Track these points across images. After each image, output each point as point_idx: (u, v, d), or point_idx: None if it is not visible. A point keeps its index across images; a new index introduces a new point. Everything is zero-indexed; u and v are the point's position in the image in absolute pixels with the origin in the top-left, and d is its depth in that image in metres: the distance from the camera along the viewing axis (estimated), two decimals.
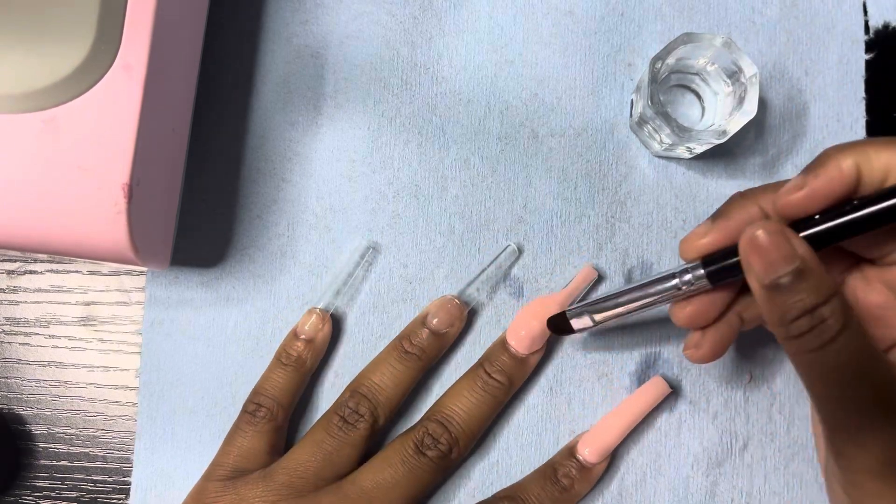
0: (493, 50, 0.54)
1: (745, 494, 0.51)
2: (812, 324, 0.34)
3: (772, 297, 0.36)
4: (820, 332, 0.34)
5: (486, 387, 0.49)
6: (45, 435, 0.54)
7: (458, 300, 0.51)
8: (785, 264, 0.35)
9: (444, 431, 0.48)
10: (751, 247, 0.36)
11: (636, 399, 0.50)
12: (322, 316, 0.51)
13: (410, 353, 0.50)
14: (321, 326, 0.51)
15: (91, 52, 0.43)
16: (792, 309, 0.35)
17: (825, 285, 0.35)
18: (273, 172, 0.54)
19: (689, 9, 0.54)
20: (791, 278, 0.35)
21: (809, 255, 0.35)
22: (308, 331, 0.51)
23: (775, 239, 0.35)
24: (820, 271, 0.35)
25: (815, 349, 0.35)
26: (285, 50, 0.55)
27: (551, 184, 0.53)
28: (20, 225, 0.43)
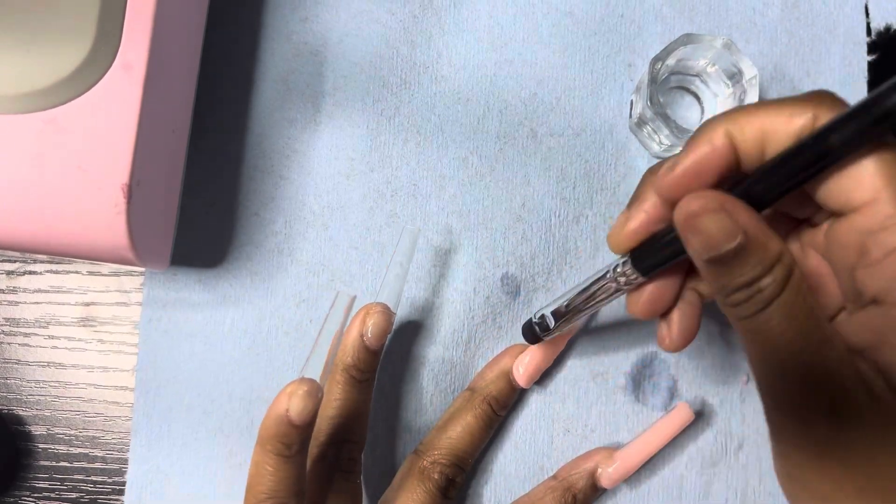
0: (493, 49, 0.54)
1: (739, 494, 0.51)
2: (749, 294, 0.33)
3: (713, 269, 0.34)
4: (756, 300, 0.33)
5: (490, 421, 0.50)
6: (45, 436, 0.54)
7: (384, 308, 0.48)
8: (726, 241, 0.32)
9: (460, 472, 0.49)
10: (686, 224, 0.33)
11: (662, 428, 0.50)
12: (314, 391, 0.42)
13: (363, 380, 0.48)
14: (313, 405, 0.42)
15: (91, 53, 0.43)
16: (733, 281, 0.33)
17: (769, 254, 0.32)
18: (271, 170, 0.54)
19: (689, 10, 0.54)
20: (733, 254, 0.32)
21: (752, 225, 0.32)
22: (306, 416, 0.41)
23: (715, 216, 0.32)
24: (763, 240, 0.32)
25: (749, 316, 0.33)
26: (284, 48, 0.55)
27: (550, 183, 0.53)
28: (20, 225, 0.43)
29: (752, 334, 0.34)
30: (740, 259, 0.32)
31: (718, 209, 0.33)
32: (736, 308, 0.34)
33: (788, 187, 0.33)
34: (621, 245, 0.39)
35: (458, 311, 0.53)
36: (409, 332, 0.53)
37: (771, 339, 0.33)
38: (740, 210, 0.33)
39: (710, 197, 0.33)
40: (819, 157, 0.32)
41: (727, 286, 0.33)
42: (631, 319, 0.52)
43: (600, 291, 0.42)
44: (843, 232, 0.33)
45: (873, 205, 0.31)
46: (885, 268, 0.31)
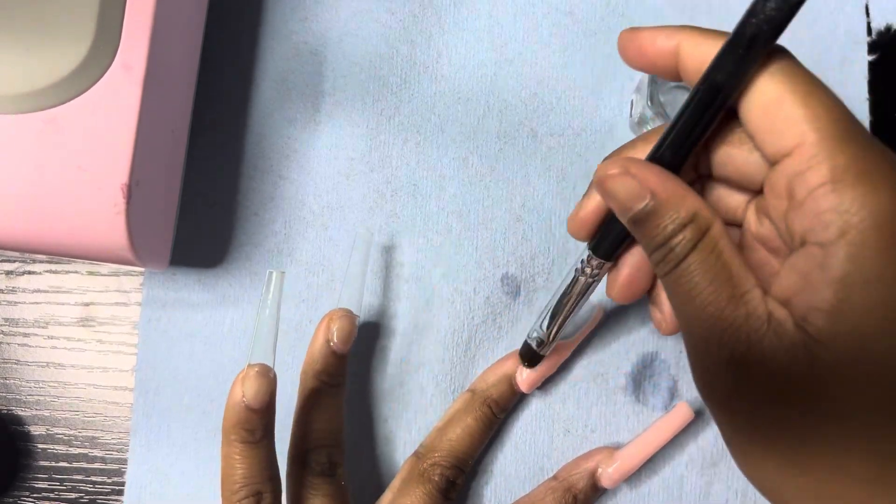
0: (493, 49, 0.54)
1: (739, 495, 0.51)
2: (664, 253, 0.34)
3: (635, 230, 0.35)
4: (669, 259, 0.34)
5: (490, 424, 0.50)
6: (44, 436, 0.54)
7: (348, 313, 0.49)
8: (636, 202, 0.34)
9: (460, 474, 0.49)
10: (601, 190, 0.36)
11: (662, 427, 0.50)
12: (265, 373, 0.43)
13: (334, 384, 0.49)
14: (268, 386, 0.43)
15: (90, 52, 0.43)
16: (652, 240, 0.34)
17: (681, 213, 0.34)
18: (271, 170, 0.54)
19: (690, 9, 0.54)
20: (645, 213, 0.34)
21: (660, 186, 0.34)
22: (261, 399, 0.43)
23: (621, 179, 0.35)
24: (675, 200, 0.34)
25: (665, 274, 0.34)
26: (284, 47, 0.55)
27: (550, 183, 0.53)
28: (19, 225, 0.43)
29: (668, 291, 0.35)
30: (653, 220, 0.34)
31: (624, 173, 0.35)
32: (657, 267, 0.35)
33: (693, 139, 0.35)
34: (578, 232, 0.41)
35: (458, 312, 0.53)
36: (408, 332, 0.53)
37: (683, 296, 0.34)
38: (648, 173, 0.34)
39: (618, 162, 0.35)
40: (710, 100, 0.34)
41: (648, 245, 0.35)
42: (631, 320, 0.52)
43: (575, 288, 0.43)
44: (775, 180, 0.34)
45: (800, 147, 0.32)
46: (807, 207, 0.31)
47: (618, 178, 0.35)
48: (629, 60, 0.38)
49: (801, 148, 0.31)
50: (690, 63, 0.35)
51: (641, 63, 0.38)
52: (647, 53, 0.37)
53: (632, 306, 0.52)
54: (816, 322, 0.31)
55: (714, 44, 0.34)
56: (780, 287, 0.33)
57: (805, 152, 0.31)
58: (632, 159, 0.35)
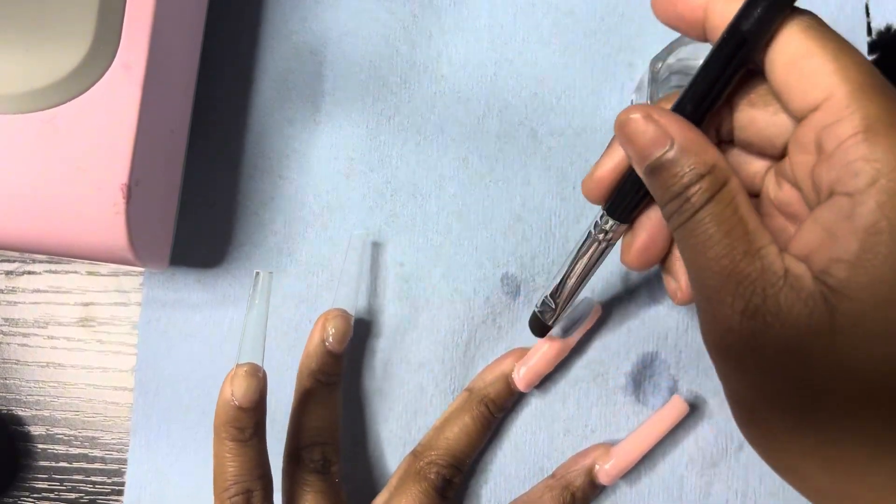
0: (493, 48, 0.54)
1: (739, 495, 0.51)
2: (679, 203, 0.33)
3: (651, 181, 0.35)
4: (685, 209, 0.33)
5: (487, 423, 0.50)
6: (44, 436, 0.54)
7: (344, 312, 0.50)
8: (656, 148, 0.34)
9: (457, 473, 0.49)
10: (621, 135, 0.35)
11: (658, 421, 0.50)
12: (255, 372, 0.44)
13: (330, 383, 0.49)
14: (257, 385, 0.44)
15: (90, 52, 0.43)
16: (668, 190, 0.34)
17: (700, 163, 0.33)
18: (271, 169, 0.54)
19: None
20: (664, 161, 0.34)
21: (682, 134, 0.34)
22: (250, 397, 0.43)
23: (643, 123, 0.34)
24: (695, 150, 0.33)
25: (679, 225, 0.34)
26: (284, 47, 0.55)
27: (550, 183, 0.53)
28: (19, 225, 0.43)
29: (682, 243, 0.35)
30: (672, 168, 0.33)
31: (646, 117, 0.34)
32: (671, 219, 0.34)
33: (716, 92, 0.35)
34: (592, 192, 0.40)
35: (458, 312, 0.53)
36: (408, 332, 0.53)
37: (696, 248, 0.33)
38: (671, 120, 0.34)
39: (640, 108, 0.35)
40: (734, 51, 0.33)
41: (663, 196, 0.34)
42: (631, 319, 0.52)
43: (587, 253, 0.42)
44: (802, 135, 0.33)
45: (829, 100, 0.31)
46: (836, 158, 0.31)
47: (640, 121, 0.34)
48: (658, 13, 0.37)
49: (830, 100, 0.31)
50: (718, 20, 0.34)
51: (670, 17, 0.37)
52: (676, 8, 0.36)
53: (633, 305, 0.52)
54: (838, 273, 0.30)
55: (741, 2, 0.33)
56: (799, 243, 0.33)
57: (835, 104, 0.31)
58: (654, 107, 0.35)
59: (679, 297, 0.40)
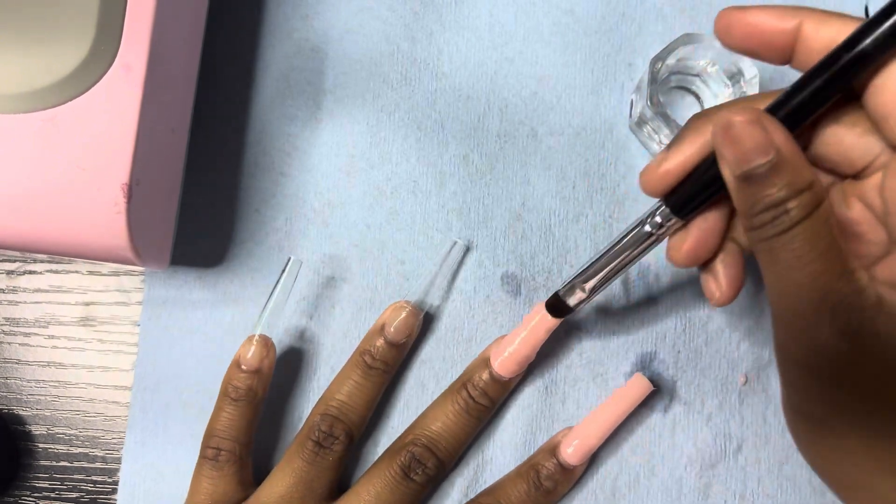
0: (494, 47, 0.54)
1: (738, 496, 0.51)
2: (775, 215, 0.33)
3: (743, 188, 0.34)
4: (780, 221, 0.33)
5: (469, 409, 0.49)
6: (45, 435, 0.54)
7: (413, 307, 0.51)
8: (759, 155, 0.33)
9: (430, 455, 0.48)
10: (724, 135, 0.34)
11: (618, 399, 0.49)
12: (264, 342, 0.49)
13: (374, 367, 0.50)
14: (265, 354, 0.49)
15: (91, 52, 0.43)
16: (761, 201, 0.33)
17: (800, 179, 0.32)
18: (272, 167, 0.54)
19: (690, 9, 0.54)
20: (765, 170, 0.33)
21: (787, 146, 0.33)
22: (252, 361, 0.49)
23: (750, 128, 0.33)
24: (796, 164, 0.33)
25: (771, 237, 0.33)
26: (286, 44, 0.55)
27: (550, 182, 0.53)
28: (20, 225, 0.43)
29: (771, 256, 0.34)
30: (771, 178, 0.33)
31: (756, 122, 0.33)
32: (760, 230, 0.34)
33: (812, 108, 0.34)
34: (654, 184, 0.39)
35: (459, 310, 0.53)
36: None
37: (789, 263, 0.33)
38: (777, 129, 0.33)
39: (751, 110, 0.33)
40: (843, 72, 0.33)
41: (755, 206, 0.34)
42: (630, 319, 0.52)
43: (635, 244, 0.42)
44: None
45: None
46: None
47: (747, 125, 0.33)
48: (733, 40, 0.37)
49: None
50: (815, 43, 0.34)
51: (748, 44, 0.37)
52: (759, 33, 0.36)
53: (632, 305, 0.52)
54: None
55: (839, 23, 0.33)
56: (888, 270, 0.33)
57: None
58: (764, 113, 0.34)
59: (717, 299, 0.40)
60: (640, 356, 0.52)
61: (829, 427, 0.35)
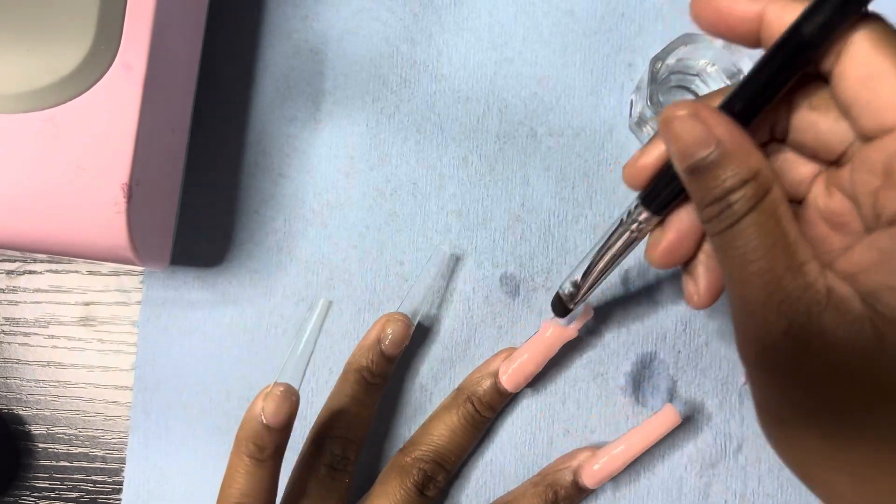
0: (493, 48, 0.54)
1: (738, 496, 0.51)
2: (720, 208, 0.32)
3: (691, 182, 0.34)
4: (725, 215, 0.32)
5: (474, 422, 0.50)
6: (45, 435, 0.54)
7: (406, 318, 0.50)
8: (700, 148, 0.32)
9: (440, 470, 0.49)
10: (665, 130, 0.34)
11: (648, 429, 0.49)
12: (289, 394, 0.43)
13: (373, 383, 0.50)
14: (290, 408, 0.43)
15: (91, 52, 0.43)
16: (708, 194, 0.33)
17: (745, 168, 0.32)
18: (271, 168, 0.54)
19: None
20: (708, 162, 0.32)
21: (729, 137, 0.32)
22: (281, 419, 0.42)
23: (690, 122, 0.32)
24: (740, 154, 0.32)
25: (719, 232, 0.33)
26: (285, 45, 0.55)
27: (549, 183, 0.53)
28: (20, 225, 0.43)
29: (721, 251, 0.34)
30: (714, 170, 0.32)
31: (693, 115, 0.33)
32: (709, 224, 0.34)
33: (768, 95, 0.34)
34: (632, 178, 0.39)
35: (458, 311, 0.53)
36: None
37: (737, 259, 0.33)
38: (718, 121, 0.33)
39: (688, 105, 0.33)
40: (792, 55, 0.33)
41: (703, 199, 0.33)
42: (632, 319, 0.52)
43: (617, 241, 0.42)
44: (869, 154, 0.33)
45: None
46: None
47: (686, 119, 0.33)
48: (704, 23, 0.36)
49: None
50: (777, 27, 0.33)
51: (718, 27, 0.36)
52: (727, 17, 0.35)
53: (632, 305, 0.52)
54: (889, 300, 0.30)
55: (801, 8, 0.33)
56: (849, 262, 0.33)
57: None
58: (703, 104, 0.33)
59: (696, 301, 0.40)
60: (640, 356, 0.52)
61: (789, 425, 0.34)
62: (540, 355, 0.50)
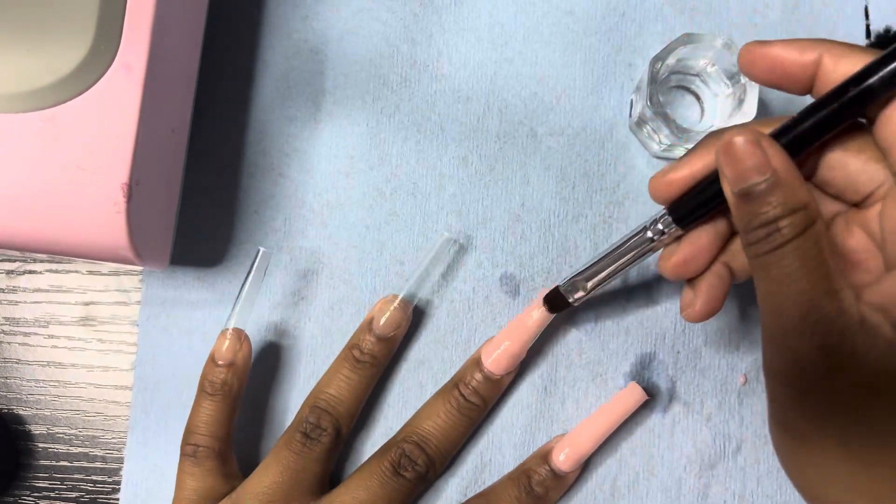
0: (493, 48, 0.54)
1: (737, 497, 0.51)
2: (768, 232, 0.34)
3: (740, 205, 0.36)
4: (772, 238, 0.34)
5: (460, 408, 0.49)
6: (45, 435, 0.54)
7: (402, 301, 0.50)
8: (757, 175, 0.34)
9: (420, 453, 0.49)
10: (725, 153, 0.36)
11: (613, 407, 0.50)
12: (237, 336, 0.49)
13: (362, 361, 0.50)
14: (239, 347, 0.49)
15: (91, 52, 0.43)
16: (757, 218, 0.35)
17: (794, 199, 0.34)
18: (271, 167, 0.54)
19: (689, 9, 0.54)
20: (761, 189, 0.34)
21: (784, 167, 0.34)
22: (226, 355, 0.49)
23: (751, 148, 0.35)
24: (791, 185, 0.34)
25: (764, 254, 0.35)
26: (285, 45, 0.55)
27: (549, 183, 0.53)
28: (19, 225, 0.43)
29: (763, 272, 0.35)
30: (767, 196, 0.34)
31: (756, 143, 0.35)
32: (754, 245, 0.35)
33: (817, 135, 0.36)
34: (660, 191, 0.41)
35: (458, 311, 0.53)
36: (408, 331, 0.53)
37: (779, 279, 0.35)
38: (776, 151, 0.35)
39: (752, 132, 0.35)
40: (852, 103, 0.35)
41: (751, 222, 0.35)
42: (631, 320, 0.52)
43: (635, 246, 0.43)
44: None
45: None
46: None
47: (748, 145, 0.35)
48: (756, 73, 0.39)
49: None
50: (833, 76, 0.36)
51: (771, 76, 0.38)
52: (781, 66, 0.38)
53: (631, 305, 0.52)
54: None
55: (857, 57, 0.35)
56: (879, 293, 0.35)
57: None
58: (763, 134, 0.36)
59: (689, 314, 0.42)
60: (640, 356, 0.52)
61: (808, 442, 0.36)
62: (522, 334, 0.49)
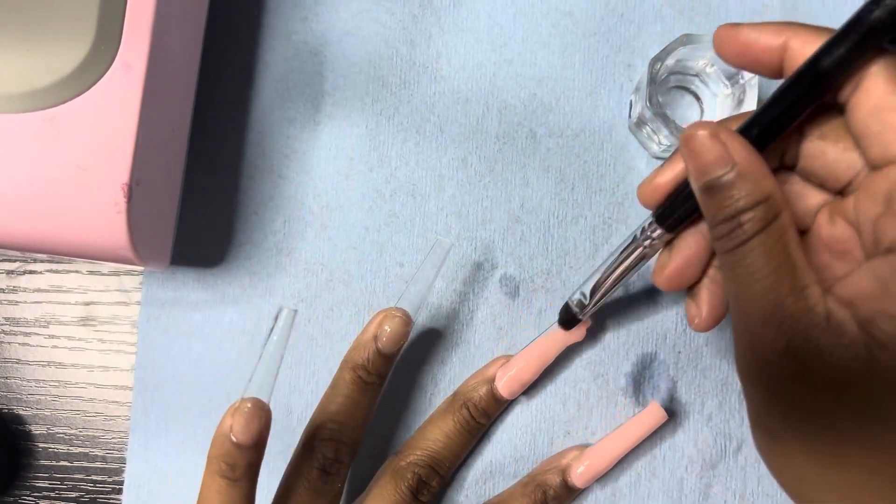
0: (492, 49, 0.54)
1: (738, 496, 0.51)
2: (731, 227, 0.34)
3: (705, 199, 0.35)
4: (735, 234, 0.34)
5: (469, 428, 0.50)
6: (45, 435, 0.54)
7: (405, 315, 0.48)
8: (717, 167, 0.34)
9: (434, 475, 0.48)
10: (686, 148, 0.35)
11: (634, 426, 0.50)
12: (259, 408, 0.41)
13: (370, 382, 0.47)
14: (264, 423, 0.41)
15: (91, 52, 0.43)
16: (721, 212, 0.34)
17: (758, 191, 0.34)
18: (270, 169, 0.54)
19: (689, 10, 0.54)
20: (724, 181, 0.34)
21: (746, 159, 0.34)
22: (249, 434, 0.41)
23: (710, 141, 0.34)
24: (755, 176, 0.34)
25: (728, 250, 0.35)
26: (284, 46, 0.55)
27: (549, 184, 0.53)
28: (20, 225, 0.43)
29: (728, 269, 0.35)
30: (730, 189, 0.34)
31: (713, 136, 0.34)
32: (719, 241, 0.35)
33: (784, 123, 0.35)
34: (647, 197, 0.41)
35: (457, 312, 0.53)
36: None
37: (743, 278, 0.34)
38: (737, 143, 0.34)
39: (709, 125, 0.35)
40: (810, 86, 0.34)
41: (715, 217, 0.35)
42: (632, 319, 0.52)
43: (629, 256, 0.43)
44: (875, 182, 0.34)
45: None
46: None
47: (706, 138, 0.34)
48: (728, 56, 0.38)
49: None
50: (799, 59, 0.35)
51: (742, 59, 0.38)
52: (750, 50, 0.37)
53: (632, 306, 0.52)
54: (885, 327, 0.31)
55: (823, 40, 0.34)
56: (848, 288, 0.34)
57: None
58: (723, 127, 0.35)
59: (697, 324, 0.41)
60: (641, 356, 0.52)
61: (782, 441, 0.36)
62: (537, 363, 0.50)
